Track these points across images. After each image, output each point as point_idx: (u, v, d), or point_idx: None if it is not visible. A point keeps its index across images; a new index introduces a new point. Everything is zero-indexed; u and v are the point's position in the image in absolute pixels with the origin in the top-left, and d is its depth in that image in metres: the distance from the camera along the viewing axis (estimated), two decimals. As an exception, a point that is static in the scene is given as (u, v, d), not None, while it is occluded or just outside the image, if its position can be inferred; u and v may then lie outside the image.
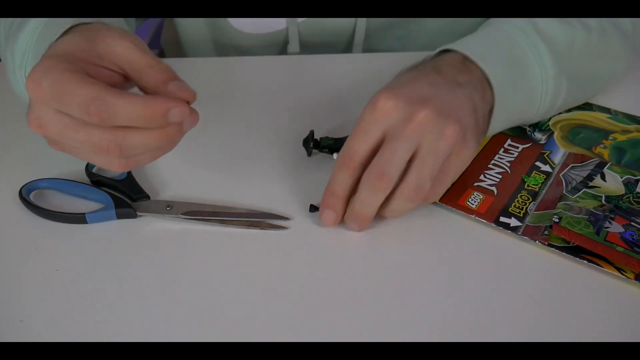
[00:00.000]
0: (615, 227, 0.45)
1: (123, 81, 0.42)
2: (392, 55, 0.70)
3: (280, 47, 0.77)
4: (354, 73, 0.67)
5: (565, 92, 0.54)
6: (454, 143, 0.43)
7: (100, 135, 0.38)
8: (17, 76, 0.50)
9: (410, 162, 0.43)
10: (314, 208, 0.48)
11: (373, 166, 0.43)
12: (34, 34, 0.47)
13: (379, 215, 0.46)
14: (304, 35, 0.74)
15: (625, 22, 0.58)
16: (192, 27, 0.79)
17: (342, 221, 0.47)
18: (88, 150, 0.39)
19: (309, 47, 0.76)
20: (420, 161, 0.43)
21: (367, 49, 0.78)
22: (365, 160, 0.44)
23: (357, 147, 0.44)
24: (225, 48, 0.79)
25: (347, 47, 0.78)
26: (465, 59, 0.49)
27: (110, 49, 0.40)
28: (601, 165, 0.52)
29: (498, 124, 0.51)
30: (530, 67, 0.51)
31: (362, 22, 0.73)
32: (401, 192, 0.44)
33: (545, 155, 0.54)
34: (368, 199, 0.44)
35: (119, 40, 0.40)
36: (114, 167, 0.40)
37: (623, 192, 0.49)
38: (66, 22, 0.44)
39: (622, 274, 0.42)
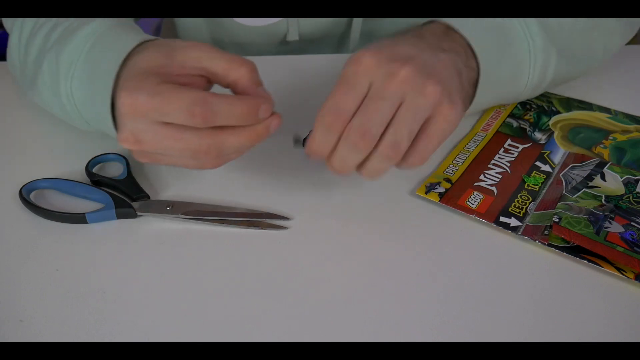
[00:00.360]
0: (615, 227, 0.45)
1: (207, 85, 0.44)
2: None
3: (280, 39, 0.77)
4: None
5: (554, 64, 0.53)
6: (434, 102, 0.41)
7: (199, 141, 0.40)
8: (60, 86, 0.48)
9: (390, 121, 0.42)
10: (298, 142, 0.46)
11: (355, 125, 0.41)
12: (84, 46, 0.47)
13: (357, 173, 0.44)
14: (303, 23, 0.74)
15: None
16: (191, 25, 0.79)
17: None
18: (186, 156, 0.42)
19: (307, 35, 0.76)
20: (399, 118, 0.41)
21: (364, 33, 0.77)
22: (348, 120, 0.42)
23: (344, 105, 0.42)
24: (225, 46, 0.79)
25: (344, 35, 0.77)
26: (448, 28, 0.49)
27: (191, 56, 0.42)
28: (601, 165, 0.52)
29: (486, 95, 0.51)
30: (517, 36, 0.50)
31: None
32: (378, 149, 0.42)
33: (545, 155, 0.54)
34: (348, 157, 0.42)
35: (196, 48, 0.42)
36: (206, 167, 0.43)
37: (623, 192, 0.49)
38: (129, 39, 0.45)
39: (622, 274, 0.42)
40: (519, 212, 0.48)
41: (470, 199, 0.49)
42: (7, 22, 0.59)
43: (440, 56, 0.45)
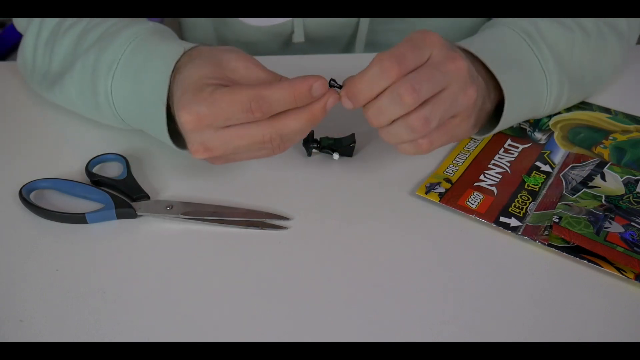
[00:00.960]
0: (615, 227, 0.45)
1: None
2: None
3: (286, 39, 0.77)
4: (354, 73, 0.67)
5: (567, 93, 0.56)
6: (467, 104, 0.44)
7: (262, 132, 0.42)
8: (97, 85, 0.50)
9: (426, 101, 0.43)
10: (334, 83, 0.44)
11: (409, 78, 0.41)
12: (127, 47, 0.49)
13: (378, 130, 0.45)
14: (309, 24, 0.74)
15: (621, 22, 0.60)
16: (196, 24, 0.79)
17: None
18: (254, 149, 0.44)
19: (313, 38, 0.76)
20: (440, 99, 0.43)
21: (370, 41, 0.78)
22: (404, 73, 0.42)
23: (406, 58, 0.42)
24: (230, 45, 0.79)
25: (350, 39, 0.77)
26: (473, 56, 0.50)
27: (235, 68, 0.45)
28: (601, 165, 0.52)
29: (506, 124, 0.53)
30: (536, 71, 0.52)
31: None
32: (409, 118, 0.42)
33: (545, 155, 0.54)
34: (387, 108, 0.42)
35: (240, 62, 0.45)
36: (276, 153, 0.45)
37: (623, 192, 0.49)
38: (175, 46, 0.48)
39: (622, 274, 0.42)
40: (519, 212, 0.48)
41: (470, 199, 0.49)
42: (22, 22, 0.60)
43: (476, 75, 0.47)
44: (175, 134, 0.48)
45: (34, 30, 0.57)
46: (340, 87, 0.44)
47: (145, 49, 0.49)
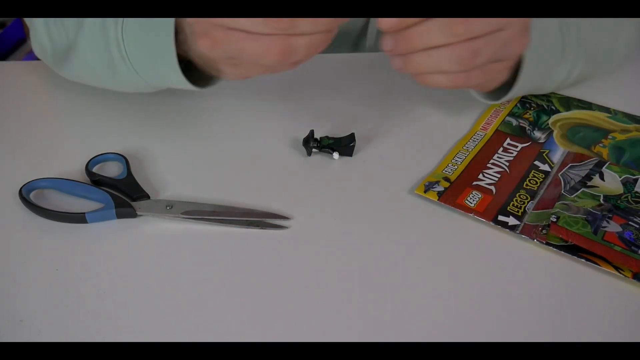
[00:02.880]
0: (613, 227, 0.45)
1: None
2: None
3: None
4: (354, 72, 0.68)
5: (580, 67, 0.57)
6: (517, 53, 0.45)
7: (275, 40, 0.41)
8: (108, 37, 0.50)
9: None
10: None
11: (475, 43, 0.41)
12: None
13: (406, 63, 0.44)
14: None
15: None
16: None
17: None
18: (261, 56, 0.41)
19: None
20: (495, 37, 0.41)
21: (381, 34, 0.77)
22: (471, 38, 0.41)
23: (475, 25, 0.41)
24: None
25: (362, 31, 0.77)
26: None
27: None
28: (600, 164, 0.52)
29: (517, 92, 0.54)
30: (554, 42, 0.53)
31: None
32: (456, 47, 0.41)
33: (544, 155, 0.54)
34: (433, 33, 0.41)
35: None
36: (281, 66, 0.43)
37: (621, 191, 0.49)
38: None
39: (620, 273, 0.42)
40: (518, 211, 0.48)
41: (468, 198, 0.49)
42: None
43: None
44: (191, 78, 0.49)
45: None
46: None
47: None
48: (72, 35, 0.56)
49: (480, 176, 0.51)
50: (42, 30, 0.58)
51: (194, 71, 0.51)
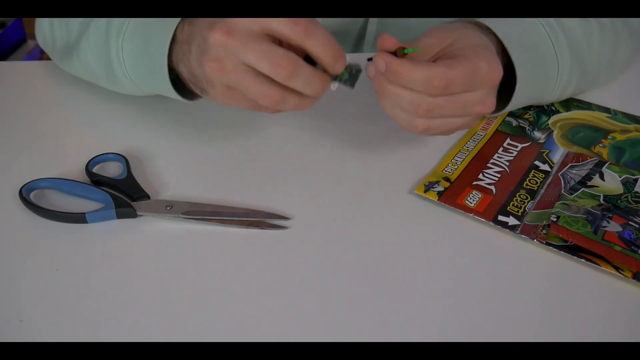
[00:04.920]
0: (613, 227, 0.45)
1: None
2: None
3: None
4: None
5: (575, 82, 0.58)
6: (479, 114, 0.47)
7: (275, 90, 0.43)
8: (109, 44, 0.52)
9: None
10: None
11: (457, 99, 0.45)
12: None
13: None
14: (319, 19, 0.74)
15: (635, 21, 0.62)
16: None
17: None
18: (259, 99, 0.43)
19: None
20: (456, 99, 0.45)
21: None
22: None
23: (456, 85, 0.44)
24: None
25: (361, 32, 0.77)
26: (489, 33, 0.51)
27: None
28: (600, 164, 0.52)
29: (515, 105, 0.55)
30: (548, 56, 0.54)
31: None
32: (418, 95, 0.44)
33: (544, 155, 0.54)
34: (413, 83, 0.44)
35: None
36: (271, 111, 0.46)
37: (621, 191, 0.49)
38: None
39: (620, 273, 0.42)
40: (518, 211, 0.48)
41: (468, 198, 0.49)
42: None
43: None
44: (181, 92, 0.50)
45: None
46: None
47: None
48: (73, 36, 0.56)
49: (480, 176, 0.51)
50: (45, 24, 0.60)
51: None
